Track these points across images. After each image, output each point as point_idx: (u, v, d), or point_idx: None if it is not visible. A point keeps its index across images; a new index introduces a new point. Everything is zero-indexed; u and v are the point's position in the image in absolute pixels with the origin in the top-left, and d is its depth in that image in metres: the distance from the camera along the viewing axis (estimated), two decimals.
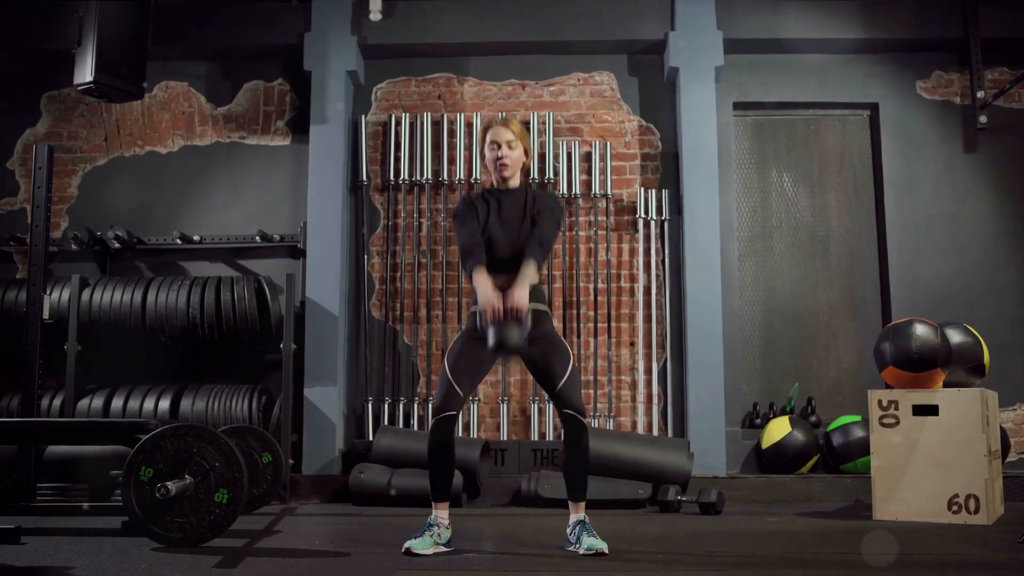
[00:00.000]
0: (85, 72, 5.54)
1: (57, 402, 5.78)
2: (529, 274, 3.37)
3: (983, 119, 6.26)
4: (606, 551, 3.29)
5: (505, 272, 3.45)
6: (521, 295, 3.29)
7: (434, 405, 3.44)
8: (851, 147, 6.57)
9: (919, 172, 6.39)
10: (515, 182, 3.62)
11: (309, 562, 3.20)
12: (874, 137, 6.50)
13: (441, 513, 3.42)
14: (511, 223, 3.53)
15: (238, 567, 3.04)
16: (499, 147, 3.56)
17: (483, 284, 3.37)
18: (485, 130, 3.64)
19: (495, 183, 3.64)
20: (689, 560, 3.29)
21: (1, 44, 6.47)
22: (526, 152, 3.63)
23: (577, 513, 3.46)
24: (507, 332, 3.23)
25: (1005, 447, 5.68)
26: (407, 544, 3.29)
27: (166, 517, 3.42)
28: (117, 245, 6.26)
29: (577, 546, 3.36)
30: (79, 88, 5.60)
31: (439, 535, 3.37)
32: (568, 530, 3.45)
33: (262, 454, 4.86)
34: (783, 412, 6.11)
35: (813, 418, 6.09)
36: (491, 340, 3.28)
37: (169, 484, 3.33)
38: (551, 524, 4.02)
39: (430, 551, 3.30)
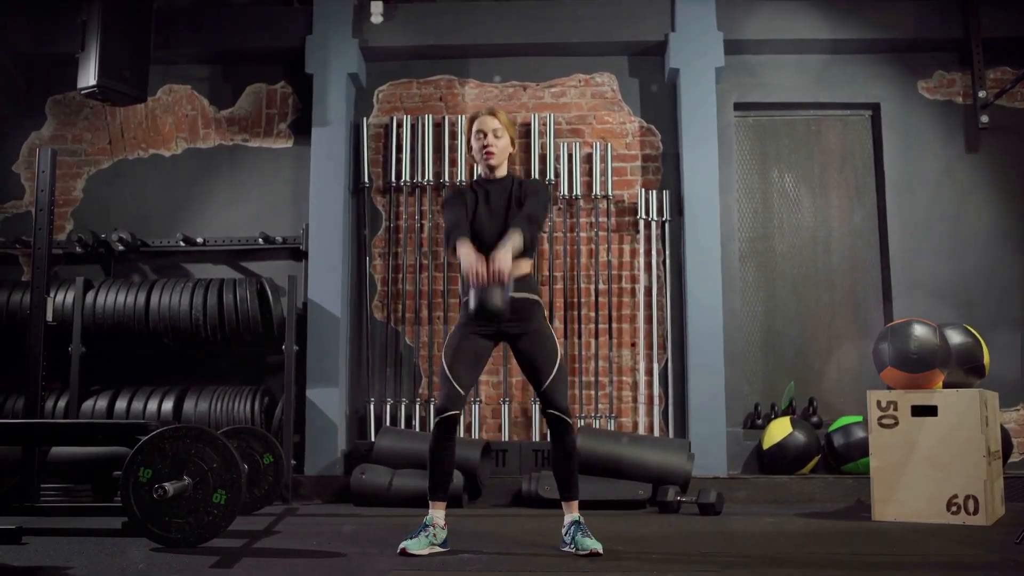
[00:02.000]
0: (89, 76, 5.59)
1: (61, 403, 5.83)
2: (514, 240, 3.36)
3: (985, 119, 6.25)
4: (601, 551, 3.30)
5: (491, 249, 3.45)
6: (503, 256, 3.28)
7: (436, 405, 3.46)
8: (852, 147, 6.57)
9: (921, 172, 6.38)
10: (502, 171, 3.67)
11: (305, 562, 3.22)
12: (876, 137, 6.50)
13: (437, 513, 3.44)
14: (498, 211, 3.58)
15: (234, 567, 3.07)
16: (485, 136, 3.61)
17: (466, 250, 3.38)
18: (471, 120, 3.67)
19: (482, 173, 3.69)
20: (683, 560, 3.31)
21: (5, 48, 6.51)
22: (512, 143, 3.68)
23: (571, 513, 3.48)
24: (489, 294, 3.24)
25: (1007, 448, 5.67)
26: (402, 544, 3.31)
27: (164, 518, 3.45)
28: (121, 247, 6.30)
29: (572, 547, 3.38)
30: (83, 92, 5.66)
31: (435, 535, 3.38)
32: (563, 531, 3.47)
33: (264, 455, 4.89)
34: (782, 412, 6.12)
35: (814, 419, 6.09)
36: (472, 303, 3.30)
37: (167, 485, 3.36)
38: (550, 525, 4.03)
39: (426, 551, 3.32)
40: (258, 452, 4.87)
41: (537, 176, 6.33)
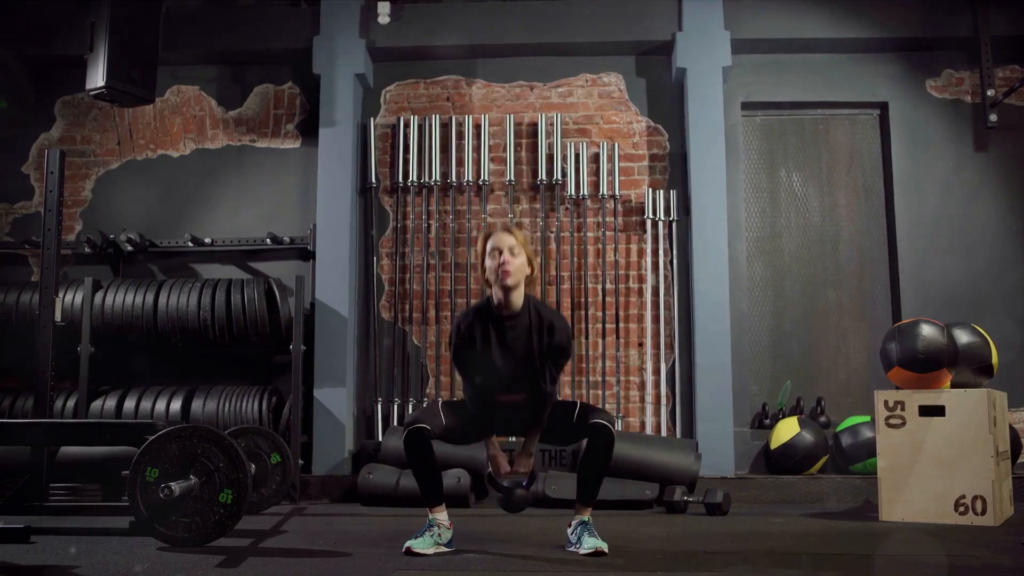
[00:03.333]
0: (97, 77, 5.61)
1: (71, 403, 5.86)
2: (535, 441, 3.49)
3: (993, 118, 6.22)
4: (606, 551, 3.30)
5: (508, 392, 3.46)
6: (527, 463, 3.48)
7: (408, 420, 3.39)
8: (860, 147, 6.55)
9: (929, 171, 6.36)
10: (518, 295, 3.39)
11: (310, 562, 3.23)
12: (884, 136, 6.49)
13: (439, 515, 3.43)
14: (516, 353, 3.40)
15: (239, 566, 3.08)
16: (500, 253, 3.33)
17: (494, 452, 3.52)
18: (485, 238, 3.42)
19: (497, 297, 3.40)
20: (687, 560, 3.30)
21: (15, 50, 6.54)
22: (530, 263, 3.40)
23: (581, 515, 3.47)
24: (512, 502, 3.47)
25: (1016, 448, 5.63)
26: (408, 544, 3.31)
27: (171, 517, 3.46)
28: (130, 248, 6.34)
29: (578, 546, 3.38)
30: (91, 93, 5.68)
31: (439, 535, 3.38)
32: (569, 530, 3.46)
33: (271, 454, 4.91)
34: (777, 412, 6.11)
35: (822, 418, 6.08)
36: (499, 499, 3.52)
37: (173, 484, 3.37)
38: (556, 525, 4.02)
39: (431, 551, 3.33)
40: (265, 452, 4.89)
41: (544, 177, 6.33)
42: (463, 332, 3.44)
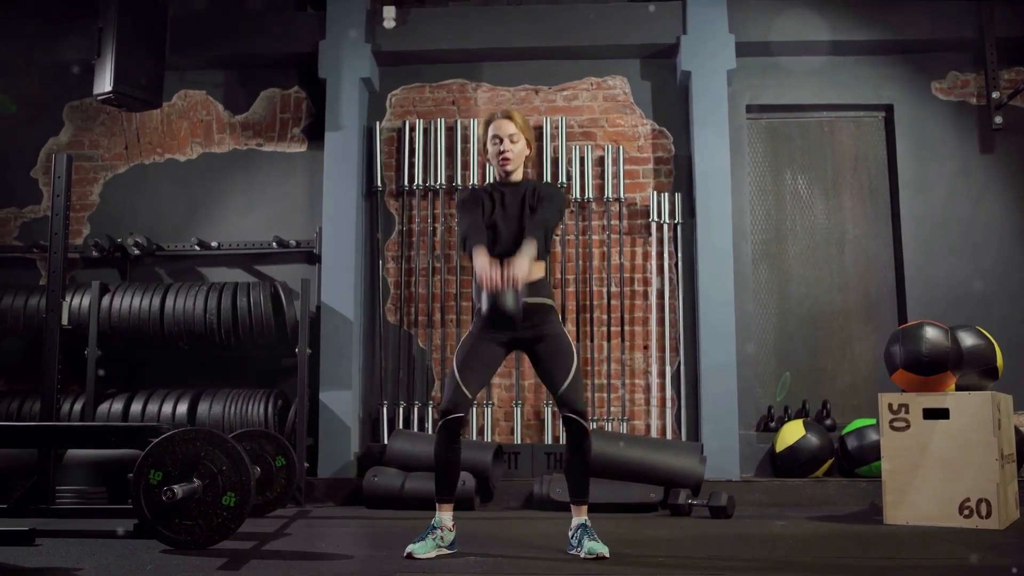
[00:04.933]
0: (104, 82, 5.66)
1: (78, 406, 5.90)
2: (529, 250, 3.36)
3: (999, 120, 6.21)
4: (607, 555, 3.30)
5: (508, 254, 3.44)
6: (519, 264, 3.28)
7: (442, 407, 3.45)
8: (866, 149, 6.54)
9: (934, 174, 6.35)
10: (518, 175, 3.63)
11: (312, 564, 3.25)
12: (889, 139, 6.47)
13: (445, 516, 3.44)
14: (513, 215, 3.54)
15: (242, 569, 3.09)
16: (501, 141, 3.55)
17: (481, 256, 3.38)
18: (487, 124, 3.61)
19: (497, 177, 3.65)
20: (688, 563, 3.30)
21: (24, 54, 6.60)
22: (529, 144, 3.62)
23: (579, 516, 3.48)
24: (502, 297, 3.27)
25: (1022, 451, 5.61)
26: (409, 548, 3.32)
27: (174, 520, 3.48)
28: (137, 252, 6.37)
29: (579, 550, 3.38)
30: (99, 98, 5.73)
31: (442, 538, 3.39)
32: (570, 534, 3.47)
33: (276, 457, 4.93)
34: (784, 410, 6.12)
35: (828, 421, 6.07)
36: (486, 306, 3.37)
37: (175, 487, 3.39)
38: (560, 528, 4.02)
39: (432, 554, 3.34)
40: (271, 455, 4.91)
41: (549, 179, 6.34)
42: (472, 192, 3.64)
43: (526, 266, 3.31)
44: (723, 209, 6.12)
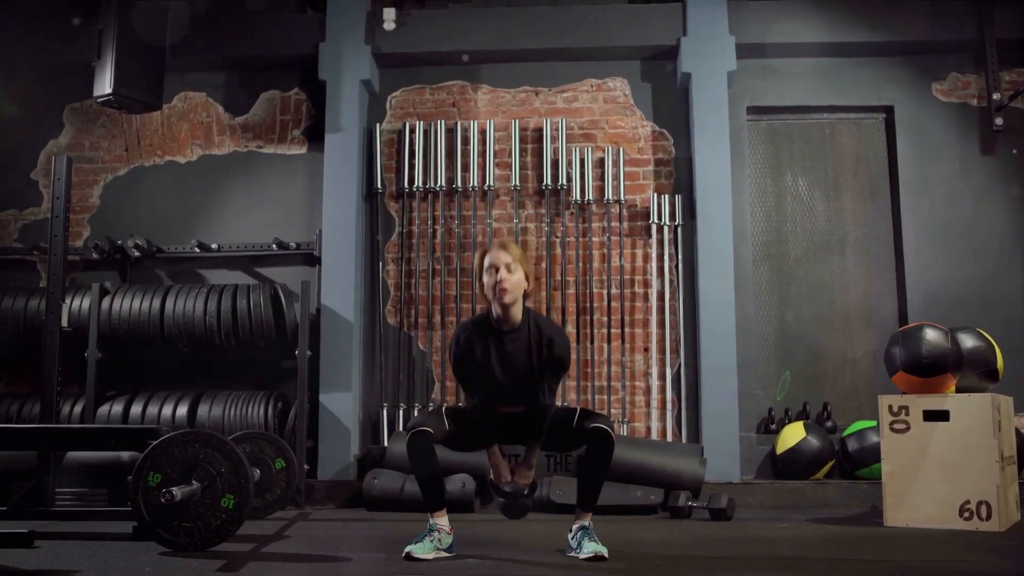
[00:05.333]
0: (104, 84, 5.66)
1: (78, 408, 5.89)
2: (536, 452, 3.46)
3: (999, 121, 6.20)
4: (606, 555, 3.30)
5: (509, 404, 3.45)
6: (528, 475, 3.45)
7: (412, 423, 3.42)
8: (866, 150, 6.54)
9: (935, 175, 6.34)
10: (517, 310, 3.41)
11: (310, 566, 3.25)
12: (889, 140, 6.47)
13: (440, 520, 3.43)
14: (516, 366, 3.40)
15: (240, 571, 3.09)
16: (497, 271, 3.34)
17: (493, 460, 3.49)
18: (482, 256, 3.43)
19: (495, 312, 3.41)
20: (686, 565, 3.30)
21: (24, 56, 6.60)
22: (527, 276, 3.40)
23: (582, 519, 3.46)
24: (514, 508, 3.49)
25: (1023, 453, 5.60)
26: (407, 549, 3.32)
27: (173, 522, 3.48)
28: (137, 254, 6.37)
29: (578, 551, 3.38)
30: (99, 100, 5.73)
31: (440, 540, 3.39)
32: (570, 535, 3.46)
33: (275, 460, 4.93)
34: (784, 411, 6.12)
35: (828, 423, 6.06)
36: (500, 504, 3.53)
37: (174, 489, 3.39)
38: (558, 530, 4.02)
39: (431, 555, 3.33)
40: (270, 457, 4.91)
41: (550, 182, 6.33)
42: (462, 345, 3.45)
43: (533, 474, 3.47)
44: (723, 211, 6.11)
